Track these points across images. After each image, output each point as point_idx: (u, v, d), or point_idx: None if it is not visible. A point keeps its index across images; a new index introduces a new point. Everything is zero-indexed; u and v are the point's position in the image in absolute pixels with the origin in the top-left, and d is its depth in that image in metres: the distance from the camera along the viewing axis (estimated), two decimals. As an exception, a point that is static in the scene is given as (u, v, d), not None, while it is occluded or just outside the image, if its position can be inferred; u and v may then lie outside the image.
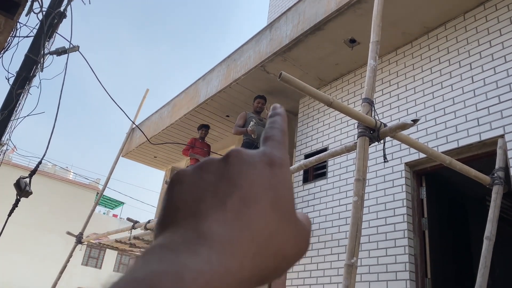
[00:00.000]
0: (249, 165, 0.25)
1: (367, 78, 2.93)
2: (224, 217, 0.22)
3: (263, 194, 0.23)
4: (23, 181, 3.85)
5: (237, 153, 0.25)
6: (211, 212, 0.22)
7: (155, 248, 0.21)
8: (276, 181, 0.24)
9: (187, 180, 0.25)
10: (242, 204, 0.23)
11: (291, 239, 0.24)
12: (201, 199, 0.23)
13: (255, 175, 0.24)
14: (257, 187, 0.24)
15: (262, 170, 0.24)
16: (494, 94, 3.70)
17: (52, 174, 22.88)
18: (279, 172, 0.25)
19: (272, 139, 0.28)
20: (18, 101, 3.79)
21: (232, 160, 0.25)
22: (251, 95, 6.08)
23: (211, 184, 0.24)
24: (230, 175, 0.24)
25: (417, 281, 3.79)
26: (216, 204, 0.23)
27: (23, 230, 19.85)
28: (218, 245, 0.20)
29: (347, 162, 4.83)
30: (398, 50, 4.83)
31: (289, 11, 5.31)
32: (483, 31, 4.01)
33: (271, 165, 0.25)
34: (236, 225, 0.22)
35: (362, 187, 2.56)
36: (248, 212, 0.22)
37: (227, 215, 0.22)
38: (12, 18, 3.37)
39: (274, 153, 0.26)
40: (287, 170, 0.26)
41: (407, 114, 4.42)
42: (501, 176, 3.34)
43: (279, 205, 0.24)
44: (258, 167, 0.25)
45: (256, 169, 0.24)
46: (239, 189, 0.23)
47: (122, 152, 8.86)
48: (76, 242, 7.57)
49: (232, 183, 0.24)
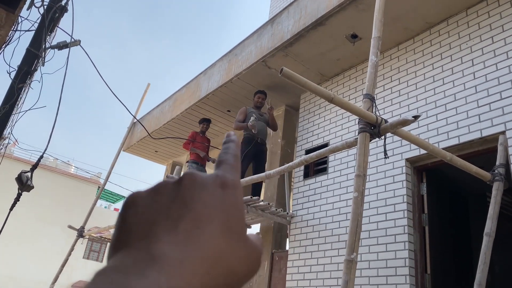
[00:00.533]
0: (202, 187, 0.25)
1: (368, 74, 2.93)
2: (176, 238, 0.22)
3: (215, 215, 0.24)
4: (24, 175, 3.86)
5: (191, 176, 0.26)
6: (163, 234, 0.23)
7: (105, 270, 0.21)
8: (228, 203, 0.25)
9: (141, 203, 0.25)
10: (194, 226, 0.23)
11: (241, 259, 0.24)
12: (154, 221, 0.24)
13: (207, 197, 0.25)
14: (209, 209, 0.24)
15: (214, 192, 0.25)
16: (495, 91, 3.70)
17: (54, 168, 22.93)
18: (231, 194, 0.26)
19: (225, 163, 0.28)
20: (19, 95, 3.79)
21: (186, 182, 0.26)
22: (252, 90, 6.08)
23: (164, 207, 0.25)
24: (183, 197, 0.25)
25: (417, 276, 3.81)
26: (169, 226, 0.23)
27: (25, 224, 19.93)
28: (167, 266, 0.21)
29: (348, 158, 4.84)
30: (400, 46, 4.82)
31: (290, 6, 5.29)
32: (486, 27, 3.99)
33: (223, 187, 0.26)
34: (187, 246, 0.22)
35: (362, 183, 2.57)
36: (200, 233, 0.23)
37: (178, 236, 0.23)
38: (13, 12, 3.36)
39: (226, 176, 0.27)
40: (239, 192, 0.27)
41: (408, 110, 4.41)
42: (501, 173, 3.34)
43: (230, 226, 0.24)
44: (211, 190, 0.25)
45: (209, 192, 0.25)
46: (191, 211, 0.24)
47: (123, 147, 8.88)
48: (78, 236, 7.61)
49: (185, 206, 0.24)
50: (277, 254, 5.32)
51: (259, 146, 5.66)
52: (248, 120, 5.61)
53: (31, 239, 20.57)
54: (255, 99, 5.90)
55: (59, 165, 24.35)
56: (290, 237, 5.20)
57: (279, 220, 5.26)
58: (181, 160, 9.07)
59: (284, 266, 5.08)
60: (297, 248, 4.99)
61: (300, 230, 5.07)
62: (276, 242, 5.51)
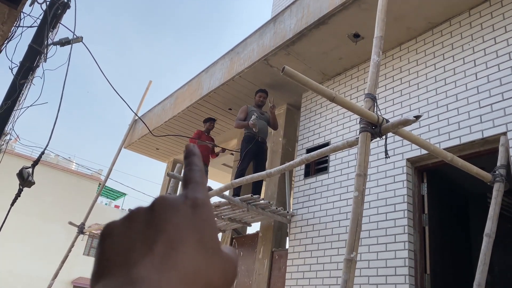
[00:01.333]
0: (172, 210, 0.26)
1: (370, 74, 2.93)
2: (152, 261, 0.24)
3: (187, 235, 0.25)
4: (26, 171, 3.87)
5: (162, 200, 0.27)
6: (140, 258, 0.24)
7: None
8: (200, 221, 0.26)
9: (116, 232, 0.26)
10: (169, 247, 0.24)
11: (218, 271, 0.26)
12: (130, 248, 0.25)
13: (179, 218, 0.26)
14: (182, 229, 0.25)
15: (185, 213, 0.26)
16: (497, 92, 3.69)
17: (55, 164, 22.96)
18: (201, 212, 0.27)
19: (192, 182, 0.29)
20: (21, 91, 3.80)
21: (157, 207, 0.27)
22: (254, 88, 6.07)
23: (139, 233, 0.26)
24: (156, 221, 0.26)
25: (416, 276, 3.81)
26: (145, 251, 0.24)
27: (26, 220, 19.97)
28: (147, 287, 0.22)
29: (349, 157, 4.84)
30: (402, 46, 4.81)
31: (293, 5, 5.29)
32: (488, 27, 3.99)
33: (193, 206, 0.27)
34: (164, 267, 0.23)
35: (363, 182, 2.57)
36: (174, 253, 0.24)
37: (154, 259, 0.24)
38: (15, 8, 3.37)
39: (195, 195, 0.28)
40: (209, 209, 0.28)
41: (409, 110, 4.41)
42: (502, 174, 3.34)
43: (203, 242, 0.26)
44: (182, 211, 0.26)
45: (180, 213, 0.26)
46: (164, 234, 0.25)
47: (124, 144, 8.89)
48: (78, 232, 7.62)
49: (158, 229, 0.25)
50: (277, 252, 5.33)
51: (260, 145, 5.66)
52: (249, 118, 5.61)
53: (31, 235, 20.61)
54: (256, 98, 5.90)
55: (60, 162, 24.39)
56: (290, 235, 5.21)
57: (280, 219, 5.27)
58: (182, 157, 9.06)
59: (284, 264, 5.08)
60: (297, 247, 4.99)
61: (300, 229, 5.07)
62: (276, 240, 5.51)
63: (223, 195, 4.81)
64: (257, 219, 5.61)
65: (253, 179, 4.30)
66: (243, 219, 5.57)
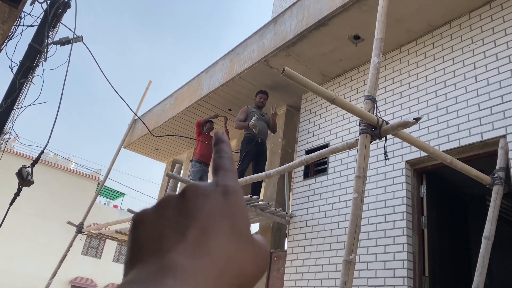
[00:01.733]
0: (204, 197, 0.26)
1: (370, 76, 2.93)
2: (185, 248, 0.24)
3: (219, 222, 0.25)
4: (25, 170, 3.86)
5: (193, 188, 0.27)
6: (173, 245, 0.24)
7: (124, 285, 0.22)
8: (231, 208, 0.26)
9: (148, 219, 0.26)
10: (201, 234, 0.24)
11: (250, 259, 0.26)
12: (163, 235, 0.25)
13: (210, 205, 0.26)
14: (214, 216, 0.26)
15: (217, 200, 0.26)
16: (497, 94, 3.70)
17: (54, 164, 22.94)
18: (233, 199, 0.27)
19: (222, 169, 0.29)
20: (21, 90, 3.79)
21: (188, 194, 0.27)
22: (254, 89, 6.08)
23: (171, 220, 0.26)
24: (188, 209, 0.26)
25: (415, 278, 3.81)
26: (177, 237, 0.24)
27: (24, 218, 19.96)
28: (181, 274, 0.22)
29: (348, 159, 4.84)
30: (402, 48, 4.82)
31: (293, 6, 5.29)
32: (488, 30, 3.99)
33: (224, 194, 0.27)
34: (197, 254, 0.23)
35: (362, 184, 2.57)
36: (207, 240, 0.24)
37: (187, 246, 0.24)
38: (16, 7, 3.37)
39: (226, 182, 0.28)
40: (240, 197, 0.28)
41: (409, 112, 4.41)
42: (501, 176, 3.34)
43: (236, 230, 0.26)
44: (213, 198, 0.27)
45: (211, 200, 0.26)
46: (197, 221, 0.25)
47: (124, 143, 8.88)
48: (77, 232, 7.61)
49: (190, 216, 0.25)
50: (276, 253, 5.33)
51: (260, 146, 5.66)
52: (249, 119, 5.61)
53: (30, 234, 20.59)
54: (256, 99, 5.91)
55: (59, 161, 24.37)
56: (289, 237, 5.20)
57: (278, 220, 5.26)
58: (181, 158, 9.08)
59: (283, 265, 5.08)
60: (295, 248, 4.99)
61: (299, 230, 5.07)
62: (275, 241, 5.51)
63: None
64: (256, 220, 5.61)
65: (252, 180, 4.30)
66: (242, 220, 5.56)
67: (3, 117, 3.69)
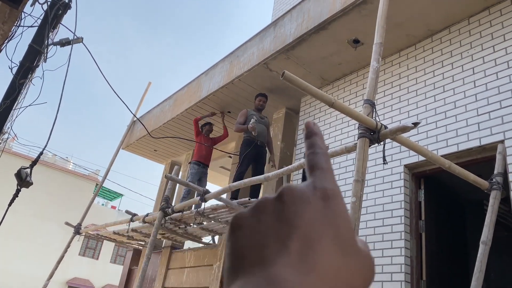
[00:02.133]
0: (303, 202, 0.25)
1: (369, 80, 2.94)
2: (289, 261, 0.22)
3: (322, 231, 0.24)
4: (24, 172, 3.86)
5: (289, 192, 0.25)
6: (276, 257, 0.23)
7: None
8: (333, 215, 0.25)
9: (246, 225, 0.25)
10: (304, 245, 0.23)
11: (357, 271, 0.24)
12: (263, 244, 0.24)
13: (311, 212, 0.24)
14: (315, 225, 0.24)
15: (316, 206, 0.25)
16: (495, 100, 3.71)
17: (52, 164, 22.91)
18: (333, 204, 0.25)
19: (317, 168, 0.27)
20: (20, 91, 3.80)
21: (286, 199, 0.25)
22: (253, 92, 6.09)
23: (269, 227, 0.24)
24: (287, 215, 0.24)
25: (412, 282, 3.81)
26: (279, 248, 0.23)
27: (22, 219, 19.90)
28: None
29: (347, 162, 4.84)
30: (401, 52, 4.83)
31: (294, 9, 5.31)
32: (487, 36, 4.01)
33: (324, 199, 0.25)
34: (303, 269, 0.22)
35: (360, 188, 2.57)
36: (312, 253, 0.23)
37: (291, 258, 0.22)
38: (17, 8, 3.37)
39: (325, 185, 0.26)
40: (341, 201, 0.26)
41: (408, 116, 4.42)
42: (499, 182, 3.35)
43: (340, 239, 0.24)
44: (313, 204, 0.25)
45: (311, 206, 0.25)
46: (297, 230, 0.23)
47: (122, 145, 8.88)
48: (74, 233, 7.60)
49: (290, 224, 0.24)
50: (274, 256, 5.32)
51: (259, 149, 5.66)
52: (248, 122, 5.61)
53: (27, 234, 20.53)
54: (256, 102, 5.91)
55: (57, 161, 24.33)
56: (287, 239, 5.20)
57: (276, 223, 5.25)
58: (180, 159, 9.07)
59: (280, 268, 5.07)
60: (293, 251, 4.99)
61: (297, 233, 5.07)
62: (273, 244, 5.50)
63: (220, 198, 4.81)
64: (254, 223, 5.59)
65: (251, 182, 4.30)
66: (240, 222, 5.55)
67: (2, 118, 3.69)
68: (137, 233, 6.84)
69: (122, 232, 7.06)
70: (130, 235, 7.10)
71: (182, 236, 6.51)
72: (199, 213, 5.15)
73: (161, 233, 6.44)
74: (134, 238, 7.41)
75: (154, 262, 7.63)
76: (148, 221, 6.08)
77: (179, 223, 5.89)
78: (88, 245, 23.31)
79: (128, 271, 8.79)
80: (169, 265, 7.31)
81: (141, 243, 8.11)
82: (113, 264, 23.93)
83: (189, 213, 5.36)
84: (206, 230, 6.08)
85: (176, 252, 7.36)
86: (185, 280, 6.71)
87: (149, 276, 7.62)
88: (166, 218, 5.51)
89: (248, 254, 0.24)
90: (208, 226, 5.91)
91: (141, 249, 8.59)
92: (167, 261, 7.35)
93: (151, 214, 6.14)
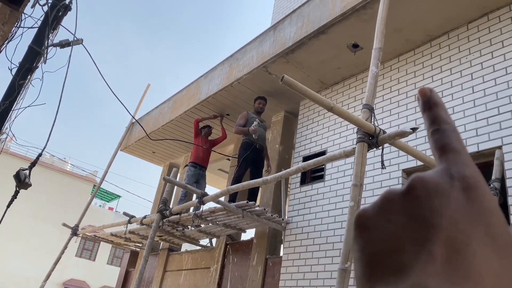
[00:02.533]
0: (439, 196, 0.21)
1: (368, 85, 2.95)
2: (435, 269, 0.19)
3: (469, 230, 0.20)
4: (22, 173, 3.85)
5: (421, 183, 0.21)
6: (418, 264, 0.19)
7: None
8: (479, 209, 0.20)
9: (373, 225, 0.22)
10: (450, 250, 0.19)
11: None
12: (399, 248, 0.20)
13: (452, 208, 0.20)
14: (460, 224, 0.20)
15: (458, 200, 0.21)
16: (493, 105, 3.73)
17: (50, 165, 22.86)
18: (477, 196, 0.21)
19: (450, 150, 0.23)
20: (19, 92, 3.80)
21: (417, 193, 0.21)
22: (252, 95, 6.10)
23: (401, 228, 0.21)
24: (421, 212, 0.21)
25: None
26: (419, 254, 0.20)
27: (19, 219, 19.84)
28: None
29: (345, 166, 4.85)
30: (400, 57, 4.85)
31: (293, 13, 5.33)
32: (486, 41, 4.03)
33: (465, 189, 0.21)
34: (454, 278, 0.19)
35: (359, 192, 2.58)
36: (461, 258, 0.19)
37: (436, 266, 0.19)
38: (17, 9, 3.38)
39: (463, 172, 0.21)
40: (486, 189, 0.21)
41: (406, 121, 4.44)
42: (496, 187, 3.36)
43: (492, 237, 0.20)
44: (452, 197, 0.21)
45: (451, 200, 0.21)
46: (439, 231, 0.20)
47: (121, 146, 8.87)
48: (72, 234, 7.58)
49: (429, 224, 0.20)
50: (271, 259, 5.32)
51: (258, 152, 5.67)
52: (249, 125, 5.61)
53: (24, 235, 20.47)
54: (255, 105, 5.93)
55: (55, 162, 24.28)
56: (285, 243, 5.20)
57: (274, 226, 5.27)
58: (178, 161, 9.07)
59: (278, 272, 5.08)
60: (291, 255, 4.99)
61: (295, 236, 5.07)
62: (271, 247, 5.51)
63: (218, 201, 4.81)
64: (252, 226, 5.61)
65: (249, 185, 4.30)
66: (238, 225, 5.56)
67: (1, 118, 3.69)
68: (135, 235, 6.83)
69: (120, 234, 7.04)
70: (128, 237, 7.08)
71: (179, 238, 6.50)
72: (197, 215, 5.15)
73: (159, 235, 6.43)
74: (132, 240, 7.39)
75: (151, 264, 7.61)
76: (146, 223, 6.08)
77: (177, 225, 5.89)
78: (85, 247, 23.24)
79: (125, 272, 8.76)
80: (166, 267, 7.30)
81: (138, 245, 8.09)
82: (110, 265, 23.86)
83: (187, 216, 5.36)
84: (203, 233, 6.08)
85: (174, 254, 7.35)
86: (182, 283, 6.70)
87: (146, 278, 7.60)
88: (164, 220, 5.51)
89: (382, 261, 0.21)
90: (206, 229, 5.91)
91: (138, 251, 8.57)
92: (164, 263, 7.34)
93: (149, 216, 6.13)
